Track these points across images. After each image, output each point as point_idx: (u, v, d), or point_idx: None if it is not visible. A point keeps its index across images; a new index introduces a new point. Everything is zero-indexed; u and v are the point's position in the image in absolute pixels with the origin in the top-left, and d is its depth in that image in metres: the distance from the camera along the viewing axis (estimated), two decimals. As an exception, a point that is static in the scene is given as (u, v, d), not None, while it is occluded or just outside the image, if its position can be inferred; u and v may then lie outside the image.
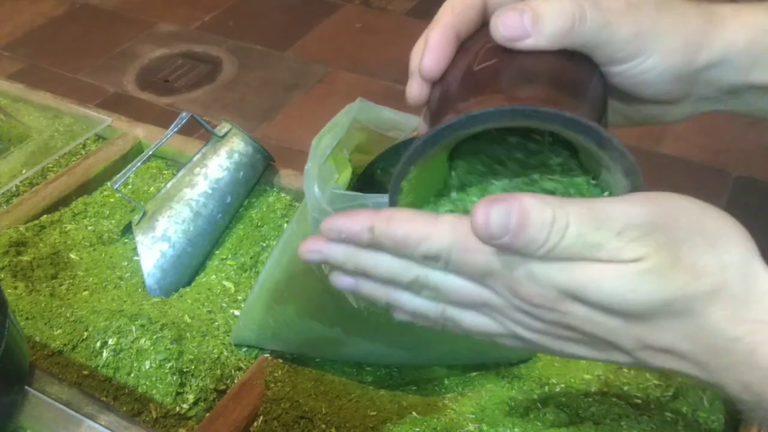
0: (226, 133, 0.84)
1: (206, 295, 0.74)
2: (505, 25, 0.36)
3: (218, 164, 0.81)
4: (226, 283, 0.76)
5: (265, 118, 1.86)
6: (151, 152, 0.80)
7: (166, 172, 0.92)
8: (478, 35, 0.40)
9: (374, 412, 0.62)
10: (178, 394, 0.64)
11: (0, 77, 1.08)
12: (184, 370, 0.65)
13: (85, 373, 0.65)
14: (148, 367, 0.64)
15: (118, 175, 0.81)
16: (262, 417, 0.62)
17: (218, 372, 0.66)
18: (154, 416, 0.62)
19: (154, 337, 0.66)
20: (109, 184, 0.89)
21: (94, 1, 2.41)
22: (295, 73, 2.03)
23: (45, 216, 0.84)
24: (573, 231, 0.31)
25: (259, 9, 2.34)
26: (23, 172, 0.90)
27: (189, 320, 0.70)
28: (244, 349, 0.69)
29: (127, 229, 0.83)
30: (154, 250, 0.76)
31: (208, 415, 0.62)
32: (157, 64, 2.09)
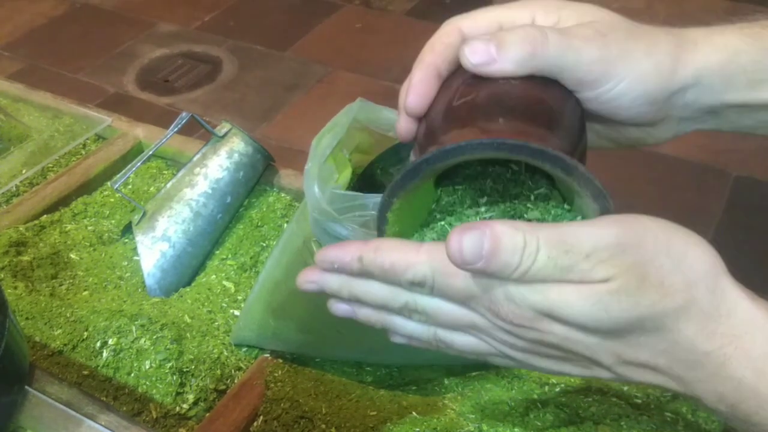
0: (226, 133, 0.84)
1: (206, 295, 0.74)
2: (473, 52, 0.38)
3: (218, 164, 0.81)
4: (226, 283, 0.76)
5: (265, 118, 1.86)
6: (151, 152, 0.81)
7: (166, 172, 0.92)
8: (458, 72, 0.41)
9: (374, 412, 0.62)
10: (178, 394, 0.64)
11: (0, 77, 1.08)
12: (184, 370, 0.65)
13: (85, 373, 0.65)
14: (148, 367, 0.64)
15: (118, 175, 0.81)
16: (262, 417, 0.62)
17: (218, 372, 0.66)
18: (154, 416, 0.62)
19: (154, 337, 0.66)
20: (109, 184, 0.89)
21: (94, 1, 2.41)
22: (295, 73, 2.03)
23: (45, 216, 0.84)
24: (543, 254, 0.33)
25: (259, 9, 2.34)
26: (23, 172, 0.90)
27: (189, 320, 0.70)
28: (244, 349, 0.69)
29: (127, 229, 0.83)
30: (154, 250, 0.76)
31: (208, 415, 0.62)
32: (157, 64, 2.09)
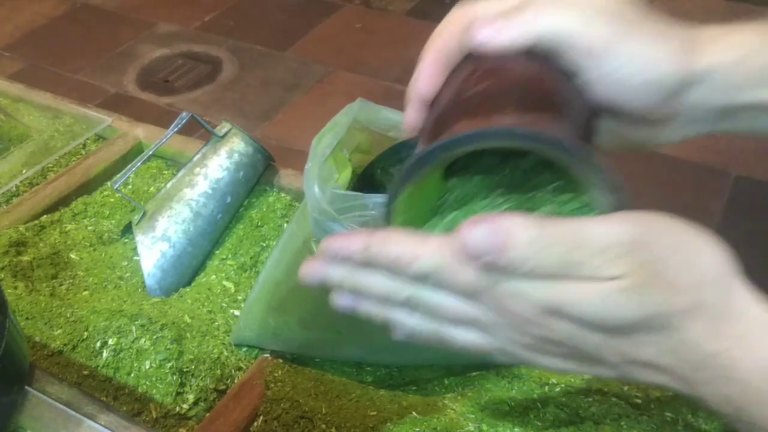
0: (226, 133, 0.84)
1: (206, 295, 0.74)
2: (479, 28, 0.39)
3: (218, 164, 0.81)
4: (226, 283, 0.76)
5: (265, 118, 1.86)
6: (151, 152, 0.80)
7: (166, 172, 0.92)
8: (468, 59, 0.41)
9: (374, 412, 0.62)
10: (178, 394, 0.64)
11: (0, 77, 1.08)
12: (184, 370, 0.65)
13: (85, 373, 0.65)
14: (148, 367, 0.64)
15: (118, 175, 0.81)
16: (262, 417, 0.62)
17: (218, 372, 0.66)
18: (154, 416, 0.62)
19: (154, 337, 0.66)
20: (109, 184, 0.89)
21: (95, 1, 2.42)
22: (295, 73, 2.03)
23: (45, 216, 0.84)
24: (555, 250, 0.33)
25: (259, 9, 2.34)
26: (23, 172, 0.90)
27: (189, 320, 0.70)
28: (244, 349, 0.69)
29: (127, 229, 0.83)
30: (154, 250, 0.76)
31: (208, 415, 0.62)
32: (157, 64, 2.09)
